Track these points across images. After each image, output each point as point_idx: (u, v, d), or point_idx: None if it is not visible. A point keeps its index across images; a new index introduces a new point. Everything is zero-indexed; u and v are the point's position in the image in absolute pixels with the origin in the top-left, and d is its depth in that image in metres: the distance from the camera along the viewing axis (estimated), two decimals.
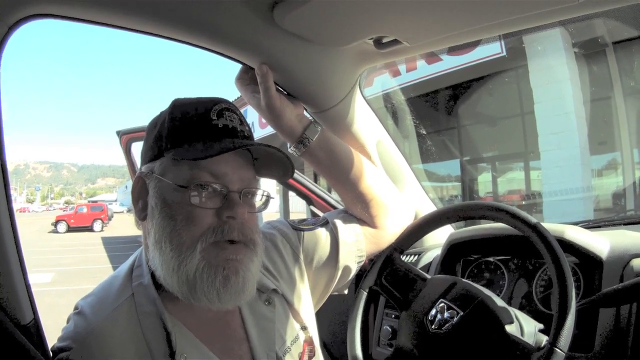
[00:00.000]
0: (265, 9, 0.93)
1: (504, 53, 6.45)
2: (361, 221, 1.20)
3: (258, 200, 0.94)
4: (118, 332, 0.83)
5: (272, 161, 0.94)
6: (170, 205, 0.85)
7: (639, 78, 6.40)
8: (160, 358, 0.82)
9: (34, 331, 0.85)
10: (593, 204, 6.67)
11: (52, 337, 0.86)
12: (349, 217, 1.21)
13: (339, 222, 1.17)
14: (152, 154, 0.91)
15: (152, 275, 0.89)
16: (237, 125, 0.91)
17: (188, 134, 0.88)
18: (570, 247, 1.12)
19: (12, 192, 0.88)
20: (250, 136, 0.94)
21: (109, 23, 0.93)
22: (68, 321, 0.88)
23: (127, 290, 0.89)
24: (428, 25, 0.98)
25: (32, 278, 0.88)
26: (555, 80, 6.42)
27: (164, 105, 0.97)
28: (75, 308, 0.89)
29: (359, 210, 1.20)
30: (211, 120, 0.89)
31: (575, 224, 1.30)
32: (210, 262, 0.83)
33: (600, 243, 1.13)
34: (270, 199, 0.96)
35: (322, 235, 1.15)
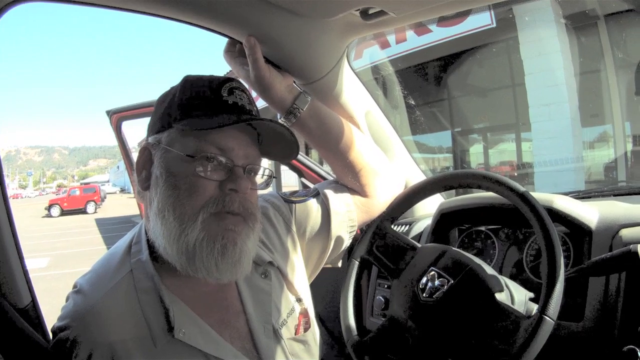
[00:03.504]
0: None
1: (494, 24, 6.38)
2: (352, 191, 1.21)
3: (259, 179, 0.96)
4: (117, 309, 0.84)
5: (277, 141, 0.96)
6: (175, 175, 0.87)
7: (630, 51, 6.37)
8: (159, 333, 0.83)
9: (33, 314, 0.86)
10: (585, 176, 6.71)
11: (51, 321, 0.87)
12: (340, 187, 1.22)
13: (330, 193, 1.18)
14: (160, 126, 0.92)
15: (151, 252, 0.90)
16: (246, 104, 0.93)
17: (199, 107, 0.89)
18: (559, 217, 1.13)
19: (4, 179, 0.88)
20: (257, 116, 0.95)
21: (93, 2, 0.91)
22: (67, 300, 0.88)
23: (126, 267, 0.89)
24: None
25: (28, 263, 0.88)
26: (545, 52, 6.38)
27: (154, 84, 0.98)
28: (74, 286, 0.90)
29: (349, 180, 1.20)
30: (222, 96, 0.91)
31: (565, 194, 1.31)
32: (210, 233, 0.84)
33: (590, 213, 1.14)
34: (272, 178, 0.98)
35: (314, 206, 1.16)
